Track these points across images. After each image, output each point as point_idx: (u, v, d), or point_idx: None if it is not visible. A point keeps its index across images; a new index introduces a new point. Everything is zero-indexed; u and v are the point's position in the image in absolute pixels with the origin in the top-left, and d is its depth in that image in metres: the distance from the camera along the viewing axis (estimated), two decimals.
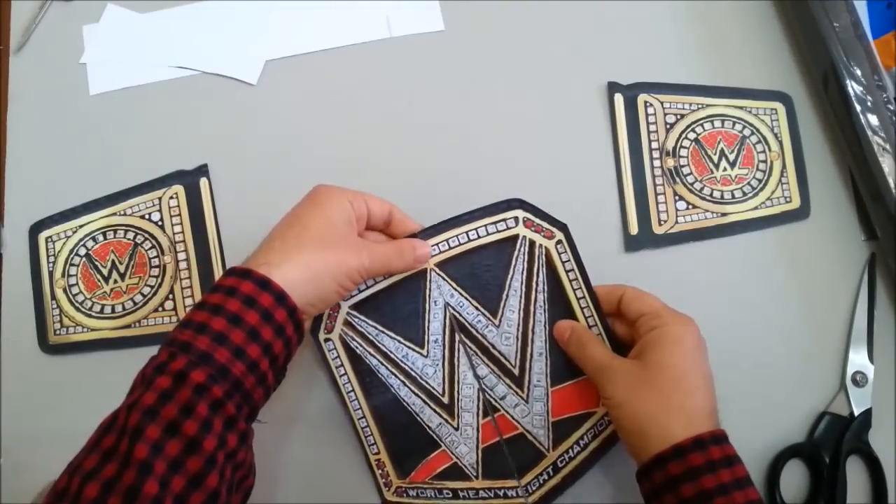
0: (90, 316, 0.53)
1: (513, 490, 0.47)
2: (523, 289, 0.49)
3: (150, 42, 0.59)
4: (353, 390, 0.48)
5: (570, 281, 0.49)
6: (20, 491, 0.49)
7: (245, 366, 0.38)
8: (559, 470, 0.47)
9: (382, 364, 0.49)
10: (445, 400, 0.48)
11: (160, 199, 0.55)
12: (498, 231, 0.49)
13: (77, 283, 0.54)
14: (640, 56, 0.57)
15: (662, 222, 0.53)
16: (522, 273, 0.49)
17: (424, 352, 0.49)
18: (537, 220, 0.49)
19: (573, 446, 0.48)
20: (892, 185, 0.49)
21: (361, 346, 0.49)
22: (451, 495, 0.48)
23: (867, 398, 0.50)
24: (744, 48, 0.57)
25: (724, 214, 0.54)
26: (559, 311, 0.49)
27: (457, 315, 0.49)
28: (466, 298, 0.49)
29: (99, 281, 0.54)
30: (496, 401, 0.48)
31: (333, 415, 0.50)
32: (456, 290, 0.49)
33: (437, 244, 0.49)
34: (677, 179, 0.54)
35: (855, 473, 0.49)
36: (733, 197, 0.54)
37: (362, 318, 0.49)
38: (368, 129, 0.56)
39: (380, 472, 0.48)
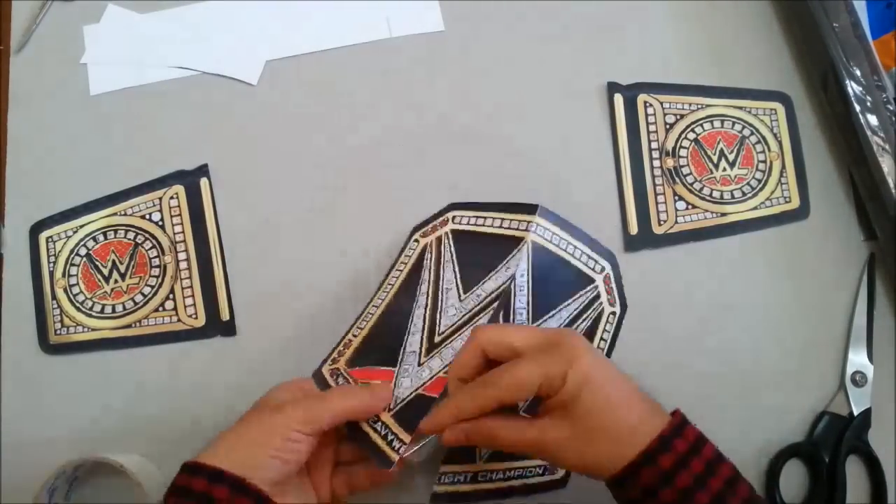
0: (91, 316, 0.53)
1: (401, 445, 0.43)
2: (567, 318, 0.48)
3: (150, 42, 0.59)
4: (393, 285, 0.50)
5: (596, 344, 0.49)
6: (20, 491, 0.49)
7: None
8: (476, 482, 0.46)
9: (430, 283, 0.49)
10: (437, 339, 0.48)
11: (160, 199, 0.55)
12: (587, 266, 0.50)
13: (77, 283, 0.54)
14: (640, 56, 0.57)
15: (662, 222, 0.53)
16: (574, 308, 0.49)
17: (461, 297, 0.48)
18: (613, 286, 0.50)
19: (505, 471, 0.47)
20: (891, 185, 0.49)
21: (431, 259, 0.50)
22: None
23: (867, 398, 0.50)
24: (744, 48, 0.57)
25: (723, 214, 0.54)
26: None
27: (513, 294, 0.47)
28: (528, 286, 0.47)
29: (99, 281, 0.54)
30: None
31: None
32: (528, 272, 0.47)
33: (544, 227, 0.48)
34: (677, 179, 0.54)
35: (854, 473, 0.49)
36: (733, 197, 0.54)
37: (451, 244, 0.50)
38: (368, 129, 0.56)
39: (340, 347, 0.49)
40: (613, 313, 0.50)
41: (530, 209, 0.48)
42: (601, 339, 0.50)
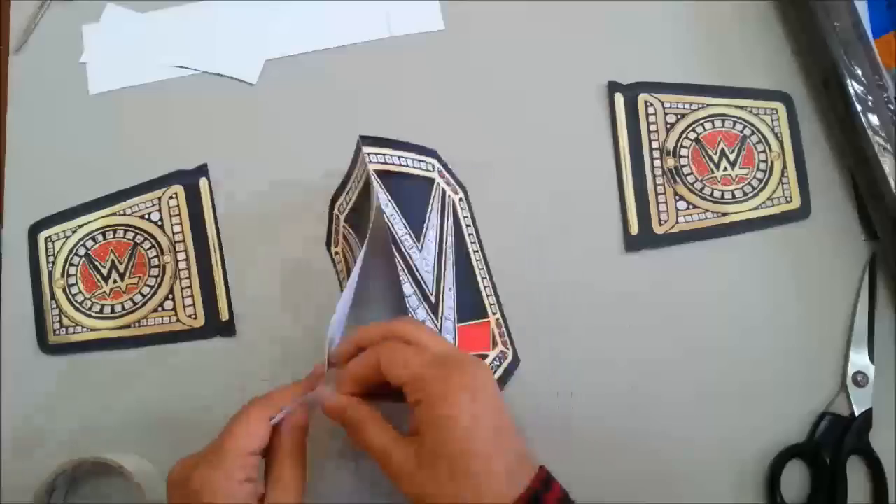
0: (90, 316, 0.53)
1: None
2: (437, 226, 0.51)
3: (150, 42, 0.59)
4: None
5: (468, 235, 0.52)
6: (20, 491, 0.49)
7: None
8: None
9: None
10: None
11: (160, 199, 0.55)
12: (421, 169, 0.52)
13: (76, 283, 0.54)
14: (640, 56, 0.57)
15: (663, 222, 0.53)
16: (437, 213, 0.51)
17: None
18: (447, 175, 0.53)
19: None
20: (892, 184, 0.49)
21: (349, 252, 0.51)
22: None
23: (868, 398, 0.50)
24: (744, 48, 0.57)
25: (724, 214, 0.53)
26: (461, 257, 0.51)
27: (390, 225, 0.48)
28: (398, 213, 0.49)
29: (98, 281, 0.54)
30: None
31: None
32: (390, 202, 0.48)
33: (374, 153, 0.48)
34: (678, 179, 0.54)
35: (856, 474, 0.49)
36: (734, 197, 0.54)
37: (351, 231, 0.51)
38: (368, 129, 0.56)
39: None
40: (461, 199, 0.52)
41: (359, 143, 0.48)
42: (466, 225, 0.52)
